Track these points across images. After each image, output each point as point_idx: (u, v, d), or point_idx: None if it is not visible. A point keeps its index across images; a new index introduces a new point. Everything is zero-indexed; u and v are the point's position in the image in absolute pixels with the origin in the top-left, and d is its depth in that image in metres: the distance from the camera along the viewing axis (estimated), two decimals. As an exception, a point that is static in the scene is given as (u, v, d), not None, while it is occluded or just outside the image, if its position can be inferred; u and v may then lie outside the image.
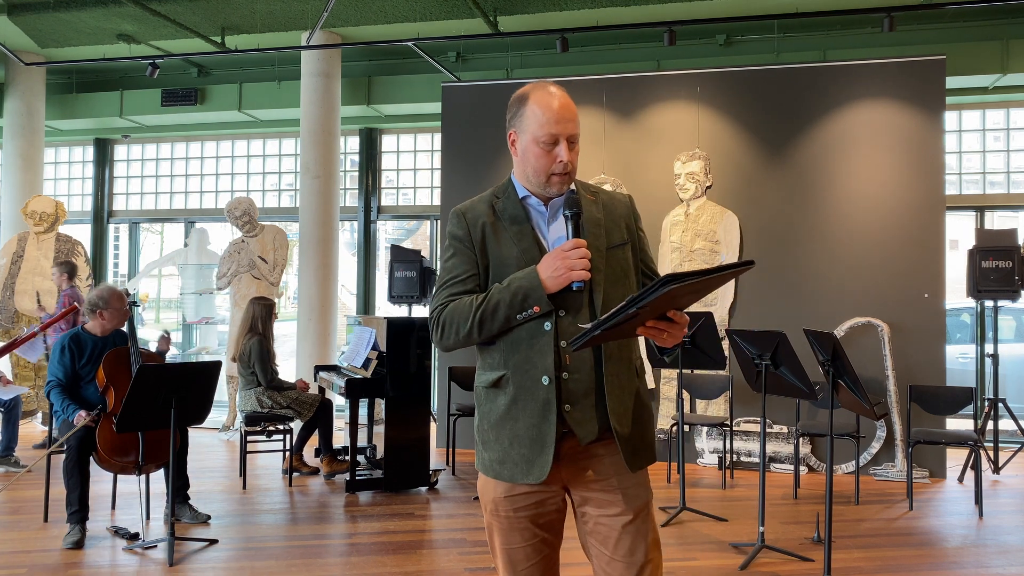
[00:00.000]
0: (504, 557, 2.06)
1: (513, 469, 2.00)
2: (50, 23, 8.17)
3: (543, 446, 1.96)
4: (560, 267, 1.90)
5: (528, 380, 1.98)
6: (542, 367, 1.97)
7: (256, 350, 6.12)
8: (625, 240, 2.09)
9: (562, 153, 2.00)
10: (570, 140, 2.01)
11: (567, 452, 1.99)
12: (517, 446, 1.99)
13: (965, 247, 6.74)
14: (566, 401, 1.97)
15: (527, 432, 1.98)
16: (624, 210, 2.13)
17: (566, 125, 2.00)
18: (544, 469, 1.96)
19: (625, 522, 1.98)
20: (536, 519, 2.03)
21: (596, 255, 2.01)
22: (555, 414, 1.95)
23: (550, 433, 1.95)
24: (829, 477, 3.92)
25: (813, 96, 6.71)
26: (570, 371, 1.97)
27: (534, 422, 1.97)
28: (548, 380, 1.96)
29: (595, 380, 1.98)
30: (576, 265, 1.90)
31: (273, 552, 4.44)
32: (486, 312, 1.96)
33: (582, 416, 1.97)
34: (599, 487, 2.00)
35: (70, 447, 4.49)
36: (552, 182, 2.03)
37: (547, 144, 2.00)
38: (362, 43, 8.14)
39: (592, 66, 8.13)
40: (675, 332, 1.88)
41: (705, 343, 5.25)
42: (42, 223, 8.34)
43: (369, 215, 9.52)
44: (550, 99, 2.01)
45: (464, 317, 1.98)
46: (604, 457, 2.00)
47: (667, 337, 1.88)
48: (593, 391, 1.98)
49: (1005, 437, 7.07)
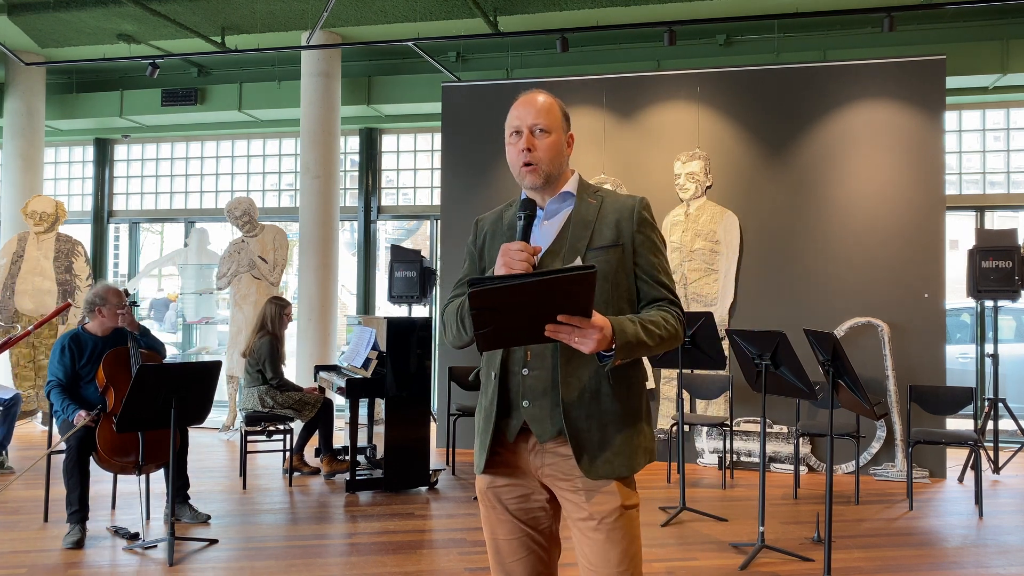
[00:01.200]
0: (491, 548, 2.10)
1: (478, 459, 2.09)
2: (50, 23, 8.17)
3: (485, 439, 2.04)
4: (500, 264, 1.90)
5: (487, 376, 2.08)
6: (493, 363, 2.05)
7: (267, 349, 6.14)
8: (614, 243, 2.03)
9: (522, 142, 2.04)
10: (533, 129, 2.04)
11: (531, 448, 2.02)
12: (479, 437, 2.09)
13: (965, 247, 6.74)
14: (524, 397, 2.00)
15: (482, 425, 2.07)
16: (623, 213, 2.07)
17: (525, 117, 2.05)
18: (482, 462, 2.05)
19: (591, 527, 1.96)
20: (520, 513, 2.05)
21: (571, 256, 2.03)
22: (496, 410, 2.02)
23: (490, 428, 2.02)
24: (829, 477, 3.92)
25: (813, 96, 6.71)
26: (530, 367, 1.99)
27: (485, 416, 2.06)
28: (494, 376, 2.03)
29: (552, 379, 1.97)
30: (514, 261, 1.87)
31: (273, 552, 4.44)
32: (463, 311, 2.03)
33: (539, 413, 1.98)
34: (566, 487, 1.99)
35: (70, 447, 4.49)
36: (523, 175, 2.06)
37: (512, 139, 2.07)
38: (362, 43, 8.14)
39: (592, 66, 8.13)
40: (584, 337, 1.77)
41: (705, 343, 5.25)
42: (42, 223, 8.34)
43: (369, 215, 9.52)
44: (520, 97, 2.09)
45: (452, 316, 2.09)
46: (571, 458, 1.97)
47: (577, 341, 1.78)
48: (551, 389, 1.97)
49: (1005, 437, 7.08)
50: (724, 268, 6.79)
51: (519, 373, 2.00)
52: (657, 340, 1.93)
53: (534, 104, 2.06)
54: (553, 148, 2.05)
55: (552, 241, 2.05)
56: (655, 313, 1.99)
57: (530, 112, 2.05)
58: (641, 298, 2.06)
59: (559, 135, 2.07)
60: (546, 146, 2.04)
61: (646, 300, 2.05)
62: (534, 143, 2.03)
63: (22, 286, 8.25)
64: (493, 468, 2.05)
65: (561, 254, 2.03)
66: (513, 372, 2.01)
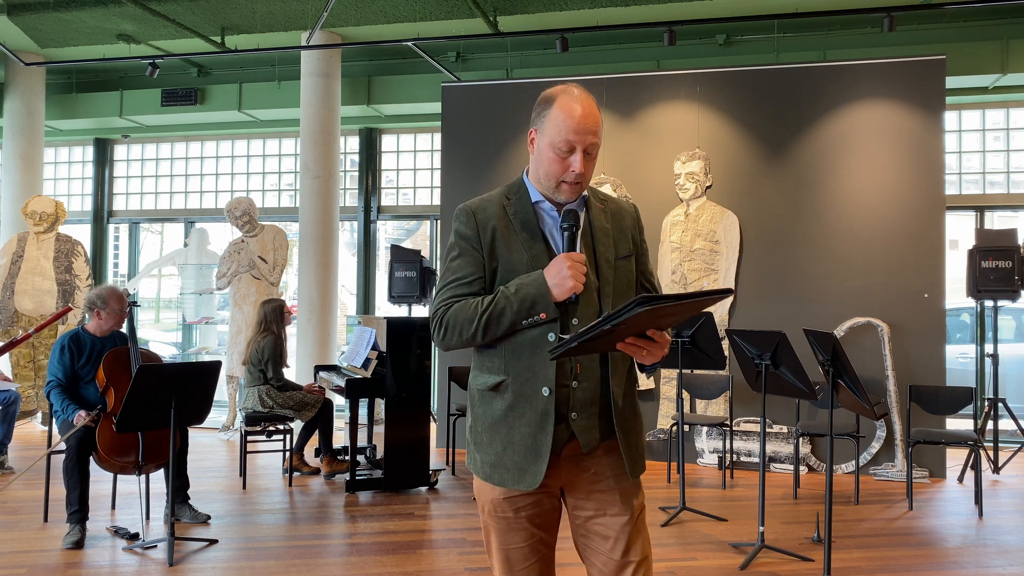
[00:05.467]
0: (501, 557, 2.07)
1: (504, 475, 2.00)
2: (50, 23, 8.17)
3: (537, 455, 1.97)
4: (565, 274, 1.90)
5: (528, 389, 1.98)
6: (544, 377, 1.96)
7: (270, 349, 6.14)
8: (631, 252, 2.10)
9: (576, 163, 1.97)
10: (587, 151, 1.99)
11: (568, 455, 2.02)
12: (511, 452, 1.99)
13: (965, 247, 6.74)
14: (572, 409, 2.00)
15: (522, 440, 1.98)
16: (631, 221, 2.14)
17: (585, 136, 1.96)
18: (537, 478, 1.96)
19: (624, 522, 2.02)
20: (534, 519, 2.04)
21: (605, 266, 2.03)
22: (552, 424, 1.96)
23: (546, 443, 1.96)
24: (829, 477, 3.92)
25: (813, 96, 6.71)
26: (580, 380, 2.00)
27: (530, 431, 1.97)
28: (548, 391, 1.96)
29: (601, 390, 2.02)
30: (579, 274, 1.92)
31: (273, 552, 4.44)
32: (492, 316, 1.95)
33: (587, 424, 2.01)
34: (599, 488, 2.03)
35: (70, 447, 4.49)
36: (562, 189, 2.01)
37: (563, 151, 1.97)
38: (362, 43, 8.14)
39: (592, 66, 8.13)
40: (654, 351, 1.89)
41: (705, 343, 5.25)
42: (42, 223, 8.34)
43: (369, 215, 9.52)
44: (574, 106, 1.97)
45: (468, 319, 1.96)
46: (603, 458, 2.04)
47: (646, 355, 1.89)
48: (598, 400, 2.02)
49: (1005, 437, 7.08)
50: (724, 268, 6.79)
51: (568, 386, 2.00)
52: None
53: (595, 121, 1.98)
54: (595, 165, 2.05)
55: (578, 247, 2.02)
56: None
57: (591, 132, 1.97)
58: None
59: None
60: (592, 165, 2.02)
61: None
62: (586, 166, 1.99)
63: (22, 286, 8.25)
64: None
65: (595, 264, 2.04)
66: (562, 385, 1.99)
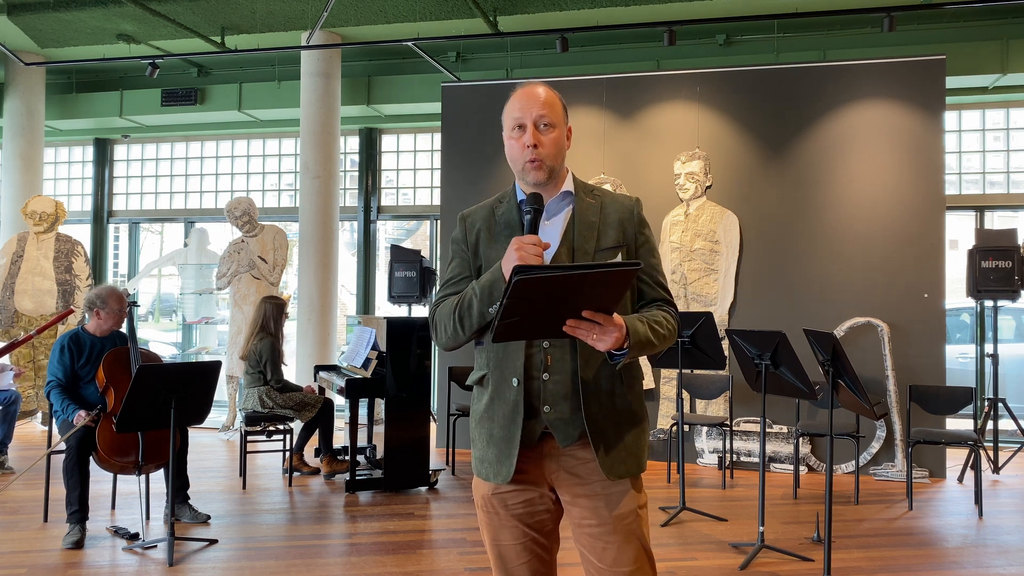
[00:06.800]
0: (495, 553, 2.07)
1: (487, 469, 2.02)
2: (50, 23, 8.17)
3: (510, 448, 1.97)
4: (513, 256, 1.82)
5: (502, 381, 2.00)
6: (512, 369, 1.98)
7: (268, 351, 6.13)
8: (619, 243, 2.04)
9: (527, 138, 1.98)
10: (537, 123, 1.99)
11: (549, 452, 2.00)
12: (492, 446, 2.01)
13: (965, 247, 6.74)
14: (545, 402, 1.96)
15: (499, 432, 2.00)
16: (624, 213, 2.07)
17: (530, 109, 1.98)
18: (509, 471, 1.97)
19: (608, 530, 1.96)
20: (525, 518, 2.02)
21: (583, 257, 2.00)
22: (522, 417, 1.96)
23: (516, 435, 1.96)
24: (829, 477, 3.92)
25: (813, 96, 6.71)
26: (551, 372, 1.97)
27: (504, 423, 1.99)
28: (517, 382, 1.97)
29: (572, 383, 1.96)
30: (528, 255, 1.81)
31: (273, 552, 4.44)
32: (463, 308, 1.96)
33: (560, 418, 1.96)
34: (582, 491, 1.98)
35: (70, 447, 4.49)
36: (527, 170, 2.00)
37: (516, 133, 2.01)
38: (362, 43, 8.14)
39: (592, 66, 8.13)
40: (602, 335, 1.78)
41: (705, 343, 5.25)
42: (42, 223, 8.34)
43: (369, 215, 9.52)
44: (518, 92, 2.02)
45: (448, 314, 2.00)
46: (589, 462, 1.97)
47: (595, 339, 1.79)
48: (573, 395, 1.96)
49: (1005, 437, 7.08)
50: (724, 268, 6.79)
51: (539, 378, 1.97)
52: (660, 340, 1.95)
53: (537, 97, 2.00)
54: (557, 143, 2.01)
55: (559, 241, 2.02)
56: (656, 313, 2.00)
57: (535, 105, 1.99)
58: (640, 298, 2.07)
59: (562, 129, 2.03)
60: (551, 141, 2.00)
61: (645, 300, 2.07)
62: (540, 139, 1.99)
63: (22, 286, 8.25)
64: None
65: (572, 256, 2.01)
66: (533, 377, 1.97)
